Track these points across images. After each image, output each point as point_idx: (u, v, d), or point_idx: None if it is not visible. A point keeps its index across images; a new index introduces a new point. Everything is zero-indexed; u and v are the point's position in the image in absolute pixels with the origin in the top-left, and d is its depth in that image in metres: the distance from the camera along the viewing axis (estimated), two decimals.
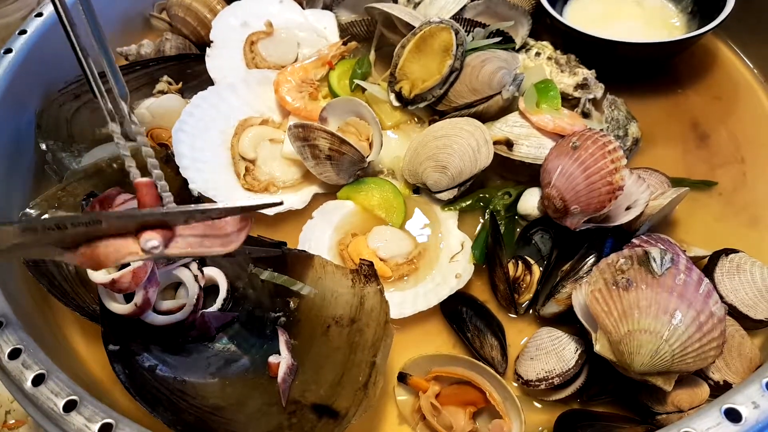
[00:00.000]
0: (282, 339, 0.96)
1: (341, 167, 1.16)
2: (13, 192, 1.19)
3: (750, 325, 0.97)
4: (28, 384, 0.83)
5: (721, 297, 0.95)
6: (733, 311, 0.97)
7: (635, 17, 1.43)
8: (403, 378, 0.96)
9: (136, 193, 0.81)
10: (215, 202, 1.13)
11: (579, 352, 0.94)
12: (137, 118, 1.26)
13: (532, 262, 1.07)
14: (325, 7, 1.51)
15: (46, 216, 1.08)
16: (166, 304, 0.96)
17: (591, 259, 1.01)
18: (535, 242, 1.11)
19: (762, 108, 1.34)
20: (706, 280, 0.84)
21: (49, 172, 1.23)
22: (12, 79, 1.22)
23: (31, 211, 1.09)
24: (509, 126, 1.17)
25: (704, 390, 0.87)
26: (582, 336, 0.95)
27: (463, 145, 1.13)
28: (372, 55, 1.39)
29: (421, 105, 1.23)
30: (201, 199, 1.14)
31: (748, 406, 0.73)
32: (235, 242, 0.80)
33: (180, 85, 1.39)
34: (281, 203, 0.75)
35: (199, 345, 0.98)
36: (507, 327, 1.03)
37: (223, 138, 1.26)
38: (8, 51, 1.24)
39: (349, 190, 1.20)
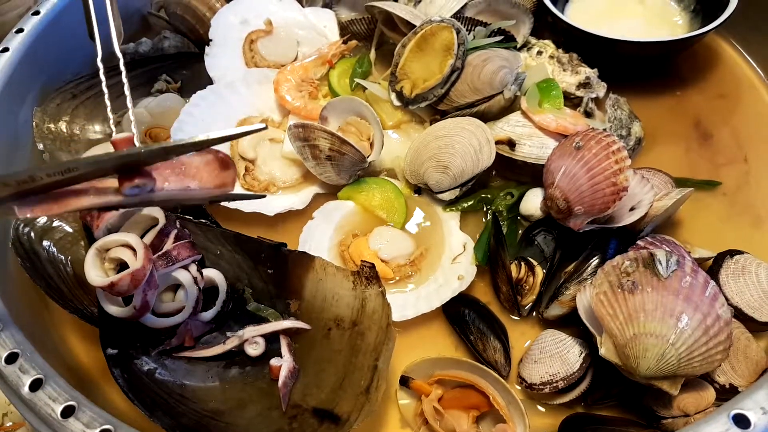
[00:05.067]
0: (284, 342, 0.95)
1: (342, 167, 1.15)
2: None
3: (755, 327, 0.96)
4: (26, 389, 0.82)
5: (726, 299, 0.93)
6: (738, 313, 0.96)
7: (637, 15, 1.42)
8: (405, 381, 0.95)
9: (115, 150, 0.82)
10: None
11: (583, 355, 0.93)
12: (136, 118, 1.26)
13: (535, 263, 1.06)
14: (325, 5, 1.50)
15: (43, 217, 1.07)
16: (166, 307, 0.95)
17: (595, 261, 1.00)
18: (537, 243, 1.10)
19: (765, 106, 1.34)
20: (713, 283, 0.83)
21: None
22: (9, 78, 1.20)
23: None
24: (511, 125, 1.16)
25: (710, 394, 0.87)
26: (586, 339, 0.94)
27: (464, 145, 1.12)
28: (372, 54, 1.38)
29: (423, 104, 1.22)
30: None
31: (757, 411, 0.72)
32: (229, 185, 0.83)
33: (179, 84, 1.38)
34: (265, 127, 0.75)
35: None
36: (510, 329, 1.02)
37: None
38: (5, 50, 1.22)
39: (349, 190, 1.18)
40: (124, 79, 0.89)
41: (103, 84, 0.88)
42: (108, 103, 0.87)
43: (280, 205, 1.17)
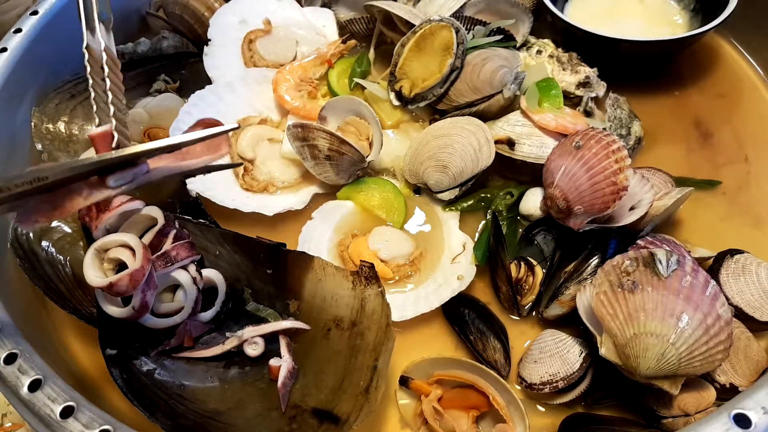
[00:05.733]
0: (283, 342, 0.95)
1: (341, 167, 1.15)
2: None
3: (756, 327, 0.96)
4: (25, 390, 0.82)
5: (726, 298, 0.93)
6: (738, 313, 0.96)
7: (637, 15, 1.42)
8: (404, 381, 0.95)
9: (93, 145, 0.81)
10: (213, 202, 1.13)
11: (583, 354, 0.92)
12: (134, 118, 1.26)
13: (534, 263, 1.06)
14: (324, 5, 1.50)
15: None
16: (165, 307, 0.95)
17: (595, 260, 1.00)
18: (537, 243, 1.10)
19: (765, 106, 1.33)
20: (713, 282, 0.83)
21: None
22: (7, 78, 1.20)
23: None
24: (511, 125, 1.16)
25: (711, 393, 0.86)
26: (586, 338, 0.94)
27: (464, 145, 1.11)
28: (371, 54, 1.38)
29: (422, 104, 1.22)
30: (199, 199, 1.12)
31: (758, 411, 0.71)
32: (224, 148, 0.83)
33: (177, 84, 1.38)
34: (238, 127, 0.75)
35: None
36: (510, 329, 1.02)
37: None
38: (3, 50, 1.22)
39: (349, 190, 1.18)
40: (105, 65, 0.86)
41: (87, 71, 0.86)
42: (92, 90, 0.85)
43: (279, 205, 1.16)
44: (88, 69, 0.85)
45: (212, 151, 0.83)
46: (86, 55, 0.86)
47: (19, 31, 1.26)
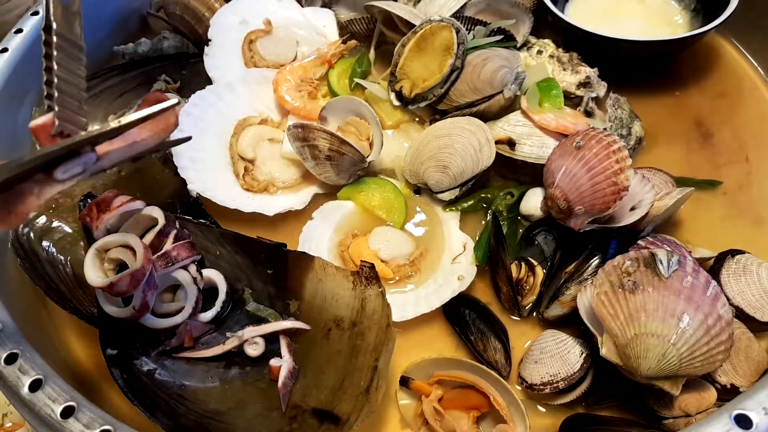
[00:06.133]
0: (283, 342, 0.95)
1: (341, 167, 1.15)
2: None
3: (756, 327, 0.96)
4: (25, 390, 0.82)
5: (727, 299, 0.93)
6: (739, 313, 0.96)
7: (638, 15, 1.42)
8: (405, 382, 0.95)
9: (35, 138, 0.79)
10: (214, 202, 1.13)
11: (584, 355, 0.92)
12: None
13: (535, 263, 1.06)
14: (324, 5, 1.49)
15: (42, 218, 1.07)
16: (165, 307, 0.95)
17: (595, 261, 1.00)
18: (538, 243, 1.10)
19: (766, 106, 1.33)
20: (714, 283, 0.83)
21: None
22: (8, 79, 1.20)
23: None
24: (511, 125, 1.16)
25: (711, 394, 0.86)
26: (587, 339, 0.94)
27: (464, 145, 1.11)
28: (372, 54, 1.38)
29: (422, 104, 1.22)
30: (199, 199, 1.12)
31: (759, 412, 0.71)
32: (173, 122, 0.85)
33: (178, 84, 1.38)
34: (178, 103, 0.77)
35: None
36: (510, 330, 1.02)
37: (222, 137, 1.25)
38: (4, 50, 1.22)
39: (349, 190, 1.18)
40: (54, 48, 0.83)
41: (42, 53, 0.83)
42: (44, 74, 0.82)
43: (279, 205, 1.16)
44: (43, 51, 0.83)
45: (162, 127, 0.83)
46: (42, 37, 0.84)
47: (20, 31, 1.26)
